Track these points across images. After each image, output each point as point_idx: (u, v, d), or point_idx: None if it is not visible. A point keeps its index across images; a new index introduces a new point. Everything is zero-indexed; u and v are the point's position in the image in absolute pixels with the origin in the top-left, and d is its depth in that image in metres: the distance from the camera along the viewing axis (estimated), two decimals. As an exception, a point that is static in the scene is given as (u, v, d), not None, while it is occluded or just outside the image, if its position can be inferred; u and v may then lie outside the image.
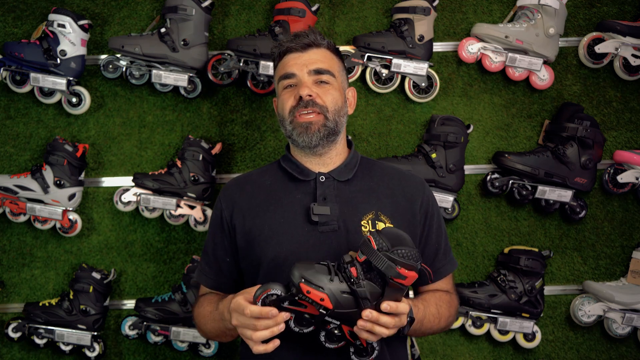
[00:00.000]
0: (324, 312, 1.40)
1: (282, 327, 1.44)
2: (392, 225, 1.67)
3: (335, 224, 1.65)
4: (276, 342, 1.45)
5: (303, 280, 1.38)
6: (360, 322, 1.41)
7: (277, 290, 1.42)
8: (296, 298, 1.41)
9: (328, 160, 1.75)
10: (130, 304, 2.61)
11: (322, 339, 1.48)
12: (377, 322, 1.42)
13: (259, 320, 1.42)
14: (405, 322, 1.47)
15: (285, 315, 1.43)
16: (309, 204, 1.67)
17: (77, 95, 2.56)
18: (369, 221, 1.67)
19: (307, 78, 1.71)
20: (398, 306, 1.42)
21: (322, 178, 1.72)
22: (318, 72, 1.71)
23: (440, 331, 1.77)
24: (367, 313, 1.40)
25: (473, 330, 2.55)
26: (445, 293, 1.78)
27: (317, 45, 1.75)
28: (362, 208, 1.69)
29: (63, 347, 2.53)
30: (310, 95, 1.68)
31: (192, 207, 2.55)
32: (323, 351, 1.56)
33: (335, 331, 1.45)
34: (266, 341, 1.46)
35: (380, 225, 1.67)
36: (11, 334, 2.52)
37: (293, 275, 1.40)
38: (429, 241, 1.75)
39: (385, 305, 1.41)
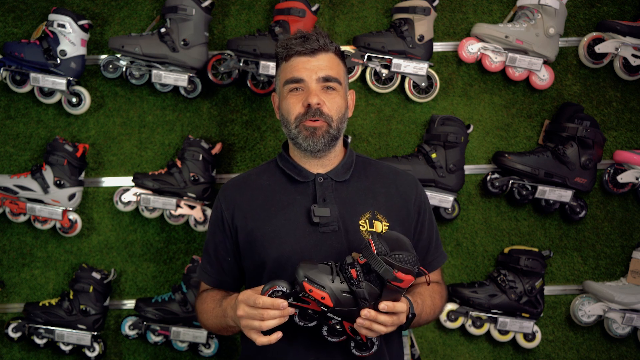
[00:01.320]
0: (325, 309, 1.48)
1: (286, 319, 1.51)
2: (388, 224, 1.73)
3: (335, 224, 1.70)
4: (279, 334, 1.52)
5: (306, 279, 1.46)
6: (359, 320, 1.48)
7: (282, 287, 1.50)
8: (300, 295, 1.49)
9: (327, 161, 1.79)
10: (130, 304, 2.61)
11: (325, 333, 1.55)
12: (375, 321, 1.49)
13: (267, 310, 1.49)
14: (403, 320, 1.54)
15: (290, 310, 1.50)
16: (309, 206, 1.71)
17: (77, 95, 2.56)
18: (367, 221, 1.73)
19: (315, 85, 1.71)
20: (395, 306, 1.49)
21: (320, 179, 1.76)
22: (326, 79, 1.72)
23: (432, 320, 1.86)
24: (366, 312, 1.47)
25: (473, 330, 2.55)
26: (436, 284, 1.86)
27: (326, 50, 1.74)
28: (359, 208, 1.74)
29: (63, 347, 2.54)
30: (318, 104, 1.70)
31: (192, 207, 2.55)
32: (326, 347, 1.63)
33: (337, 326, 1.53)
34: (268, 333, 1.52)
35: (377, 224, 1.73)
36: (11, 334, 2.52)
37: (297, 274, 1.48)
38: (422, 237, 1.81)
39: (383, 305, 1.47)
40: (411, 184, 1.84)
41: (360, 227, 1.71)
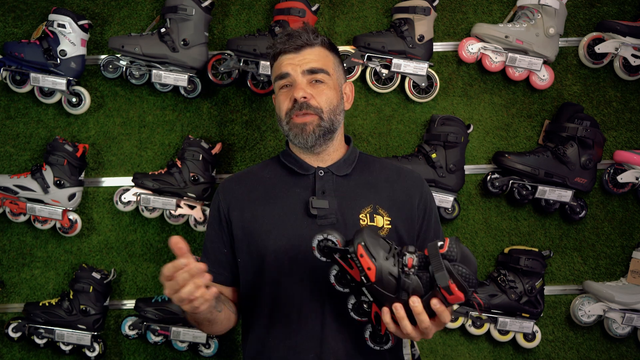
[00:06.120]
0: (365, 281, 1.41)
1: (206, 286, 1.43)
2: (389, 219, 1.71)
3: (333, 217, 1.69)
4: (205, 295, 1.43)
5: (363, 244, 1.40)
6: (397, 306, 1.40)
7: (335, 238, 1.44)
8: (347, 256, 1.42)
9: (326, 156, 1.80)
10: (130, 304, 2.61)
11: (350, 305, 1.51)
12: (417, 315, 1.39)
13: (178, 273, 1.41)
14: (431, 334, 1.46)
15: (207, 276, 1.41)
16: (308, 198, 1.71)
17: (77, 95, 2.56)
18: (367, 215, 1.71)
19: (301, 79, 1.73)
20: (443, 312, 1.39)
21: (320, 172, 1.76)
22: (312, 71, 1.74)
23: None
24: (415, 300, 1.38)
25: (473, 330, 2.55)
26: None
27: (311, 45, 1.76)
28: (360, 202, 1.72)
29: (63, 347, 2.53)
30: (304, 97, 1.71)
31: (192, 207, 2.55)
32: (329, 344, 1.62)
33: (365, 305, 1.47)
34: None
35: (378, 218, 1.70)
36: (11, 334, 2.52)
37: (357, 235, 1.42)
38: (428, 236, 1.79)
39: (436, 302, 1.38)
40: (417, 182, 1.83)
41: (361, 220, 1.69)
